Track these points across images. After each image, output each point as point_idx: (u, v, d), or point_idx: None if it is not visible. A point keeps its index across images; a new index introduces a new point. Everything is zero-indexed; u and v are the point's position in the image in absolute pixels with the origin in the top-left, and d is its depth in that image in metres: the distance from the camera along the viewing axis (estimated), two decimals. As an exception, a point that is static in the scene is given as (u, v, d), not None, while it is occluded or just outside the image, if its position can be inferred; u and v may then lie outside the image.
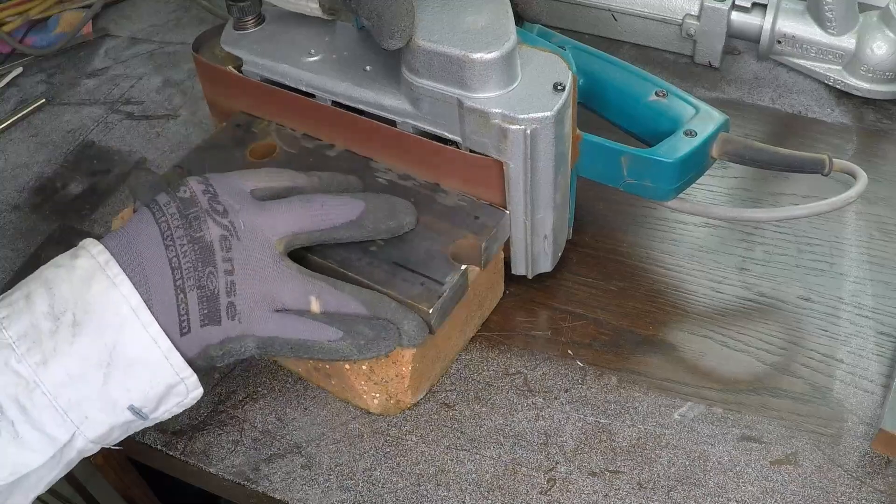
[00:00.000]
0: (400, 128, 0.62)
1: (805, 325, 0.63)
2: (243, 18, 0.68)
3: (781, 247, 0.68)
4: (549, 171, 0.58)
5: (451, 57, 0.55)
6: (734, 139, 0.61)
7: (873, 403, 0.58)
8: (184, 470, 0.59)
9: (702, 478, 0.55)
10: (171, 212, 0.50)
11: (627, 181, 0.62)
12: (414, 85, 0.58)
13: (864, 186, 0.59)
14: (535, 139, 0.56)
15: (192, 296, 0.49)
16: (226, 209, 0.51)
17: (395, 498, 0.55)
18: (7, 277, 0.71)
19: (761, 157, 0.61)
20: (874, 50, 0.77)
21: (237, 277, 0.50)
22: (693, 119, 0.62)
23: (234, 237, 0.50)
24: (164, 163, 0.79)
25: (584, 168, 0.63)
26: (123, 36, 0.96)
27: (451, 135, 0.59)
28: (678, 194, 0.62)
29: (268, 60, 0.66)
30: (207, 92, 0.72)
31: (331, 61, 0.65)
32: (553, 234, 0.62)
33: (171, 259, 0.49)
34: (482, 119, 0.56)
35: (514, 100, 0.56)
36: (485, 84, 0.56)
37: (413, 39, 0.56)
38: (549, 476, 0.56)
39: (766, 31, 0.81)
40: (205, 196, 0.51)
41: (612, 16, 0.87)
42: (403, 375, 0.57)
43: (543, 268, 0.65)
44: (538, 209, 0.60)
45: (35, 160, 0.81)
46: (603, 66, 0.67)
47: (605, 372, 0.61)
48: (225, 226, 0.50)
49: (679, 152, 0.60)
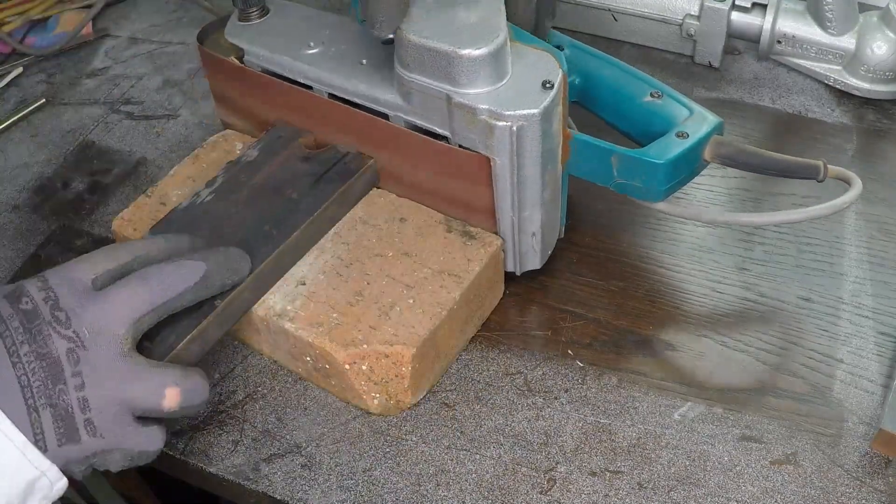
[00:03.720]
0: (392, 121, 0.62)
1: (805, 325, 0.63)
2: (247, 10, 0.69)
3: (781, 247, 0.68)
4: (536, 168, 0.58)
5: (440, 52, 0.55)
6: (728, 142, 0.61)
7: (873, 403, 0.58)
8: (184, 470, 0.59)
9: (702, 478, 0.55)
10: (14, 325, 0.47)
11: (618, 181, 0.62)
12: (405, 79, 0.59)
13: (858, 192, 0.59)
14: (521, 136, 0.56)
15: (45, 414, 0.46)
16: (68, 316, 0.48)
17: (395, 498, 0.55)
18: (7, 277, 0.71)
19: (755, 161, 0.61)
20: (874, 50, 0.77)
21: (89, 392, 0.48)
22: (686, 121, 0.62)
23: (81, 347, 0.48)
24: (165, 163, 0.79)
25: (575, 167, 0.63)
26: (123, 36, 0.95)
27: (441, 129, 0.60)
28: (669, 196, 0.62)
29: (268, 52, 0.67)
30: (212, 82, 0.73)
31: (329, 54, 0.65)
32: (541, 231, 0.62)
33: (19, 377, 0.46)
34: (470, 115, 0.57)
35: (501, 96, 0.56)
36: (473, 80, 0.56)
37: (404, 34, 0.56)
38: (549, 476, 0.56)
39: (766, 31, 0.81)
40: (46, 305, 0.48)
41: (612, 16, 0.87)
42: (403, 375, 0.57)
43: (532, 265, 0.65)
44: (525, 206, 0.60)
45: (35, 160, 0.81)
46: (600, 65, 0.67)
47: (605, 372, 0.61)
48: (70, 337, 0.48)
49: (670, 153, 0.60)
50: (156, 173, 0.78)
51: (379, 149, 0.65)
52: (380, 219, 0.64)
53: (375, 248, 0.62)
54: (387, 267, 0.61)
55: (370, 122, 0.63)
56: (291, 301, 0.59)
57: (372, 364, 0.57)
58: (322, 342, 0.57)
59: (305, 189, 0.63)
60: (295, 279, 0.61)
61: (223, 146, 0.72)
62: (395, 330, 0.57)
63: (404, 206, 0.65)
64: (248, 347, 0.64)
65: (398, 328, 0.57)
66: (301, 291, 0.60)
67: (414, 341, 0.57)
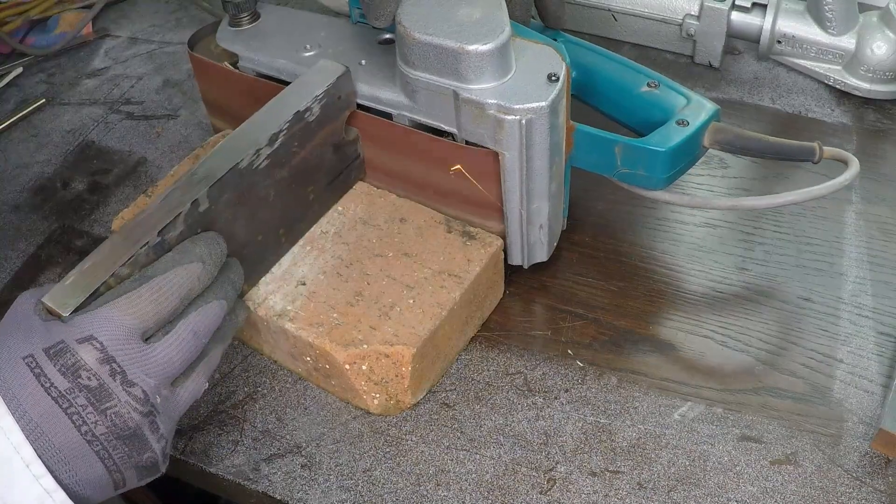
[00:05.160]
0: (396, 120, 0.62)
1: (805, 325, 0.63)
2: (239, 15, 0.69)
3: (781, 247, 0.68)
4: (545, 160, 0.58)
5: (446, 49, 0.55)
6: (725, 128, 0.62)
7: (873, 403, 0.58)
8: (184, 470, 0.59)
9: (702, 478, 0.55)
10: (79, 402, 0.45)
11: (621, 170, 0.62)
12: (410, 77, 0.59)
13: (856, 171, 0.59)
14: (530, 129, 0.56)
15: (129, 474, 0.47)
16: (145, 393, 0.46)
17: (395, 498, 0.55)
18: (7, 277, 0.71)
19: (752, 145, 0.61)
20: (874, 50, 0.77)
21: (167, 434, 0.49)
22: (685, 109, 0.62)
23: (157, 414, 0.47)
24: (164, 163, 0.79)
25: (579, 158, 0.63)
26: (123, 36, 0.96)
27: (446, 126, 0.60)
28: (671, 183, 0.63)
29: (264, 56, 0.67)
30: (203, 88, 0.73)
31: (327, 56, 0.65)
32: (549, 223, 0.62)
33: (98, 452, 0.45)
34: (478, 110, 0.57)
35: (509, 91, 0.56)
36: (480, 75, 0.56)
37: (409, 32, 0.56)
38: (549, 476, 0.56)
39: (766, 31, 0.81)
40: (114, 380, 0.45)
41: (612, 16, 0.87)
42: (403, 376, 0.57)
43: (539, 257, 0.65)
44: (534, 199, 0.60)
45: (35, 160, 0.81)
46: (595, 58, 0.67)
47: (605, 372, 0.61)
48: (149, 412, 0.47)
49: (671, 141, 0.60)
50: (156, 173, 0.78)
51: (381, 149, 0.65)
52: (380, 219, 0.64)
53: (376, 248, 0.62)
54: (387, 267, 0.61)
55: (373, 121, 0.63)
56: (292, 301, 0.59)
57: (372, 364, 0.57)
58: (322, 342, 0.57)
59: (320, 189, 0.63)
60: (295, 279, 0.61)
61: (223, 146, 0.72)
62: (395, 330, 0.57)
63: (404, 207, 0.65)
64: (248, 347, 0.64)
65: (398, 328, 0.57)
66: (301, 291, 0.60)
67: (414, 341, 0.57)
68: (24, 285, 0.70)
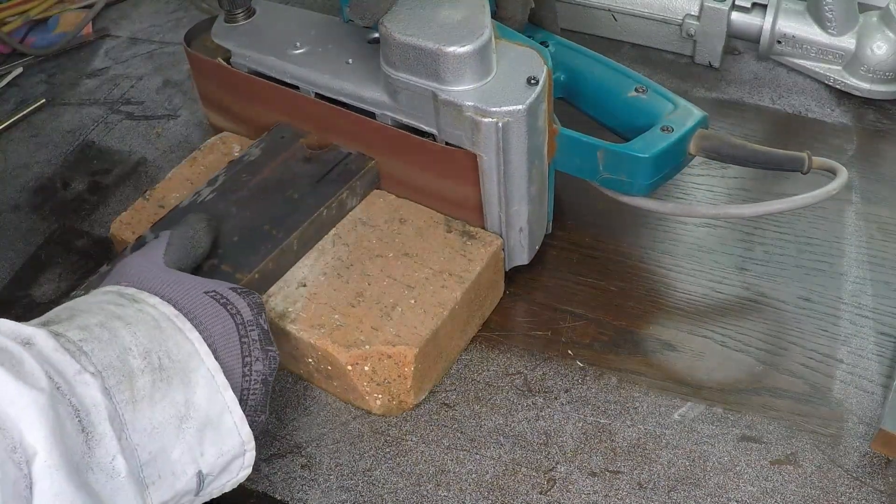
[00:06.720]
0: (379, 120, 0.63)
1: (805, 325, 0.63)
2: (233, 11, 0.69)
3: (781, 247, 0.68)
4: (523, 163, 0.58)
5: (425, 50, 0.56)
6: (712, 135, 0.61)
7: (873, 403, 0.58)
8: (184, 470, 0.59)
9: (702, 478, 0.55)
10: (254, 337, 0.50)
11: (603, 175, 0.62)
12: (391, 78, 0.59)
13: (844, 181, 0.59)
14: (507, 132, 0.56)
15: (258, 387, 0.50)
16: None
17: (395, 498, 0.55)
18: (7, 277, 0.71)
19: (740, 154, 0.61)
20: (874, 50, 0.77)
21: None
22: (671, 115, 0.62)
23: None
24: (164, 163, 0.79)
25: (561, 162, 0.63)
26: (123, 36, 0.95)
27: (427, 127, 0.60)
28: (654, 189, 0.63)
29: (255, 52, 0.67)
30: (198, 84, 0.73)
31: (315, 54, 0.66)
32: (529, 226, 0.62)
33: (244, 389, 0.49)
34: (456, 112, 0.57)
35: (487, 93, 0.56)
36: (459, 77, 0.56)
37: (390, 32, 0.56)
38: (549, 476, 0.56)
39: (766, 31, 0.81)
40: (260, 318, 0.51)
41: (612, 16, 0.87)
42: (406, 376, 0.57)
43: (520, 260, 0.65)
44: (513, 202, 0.60)
45: (35, 160, 0.81)
46: (585, 62, 0.67)
47: (605, 372, 0.61)
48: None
49: (654, 147, 0.60)
50: (155, 174, 0.78)
51: (367, 147, 0.65)
52: (380, 220, 0.64)
53: (376, 248, 0.62)
54: (387, 268, 0.61)
55: (357, 120, 0.63)
56: (293, 303, 0.59)
57: (374, 365, 0.57)
58: (324, 343, 0.57)
59: (307, 189, 0.63)
60: (296, 281, 0.61)
61: (221, 149, 0.72)
62: (397, 330, 0.57)
63: (404, 207, 0.65)
64: (249, 348, 0.64)
65: (400, 328, 0.57)
66: (302, 293, 0.60)
67: (416, 341, 0.57)
68: (24, 285, 0.70)
